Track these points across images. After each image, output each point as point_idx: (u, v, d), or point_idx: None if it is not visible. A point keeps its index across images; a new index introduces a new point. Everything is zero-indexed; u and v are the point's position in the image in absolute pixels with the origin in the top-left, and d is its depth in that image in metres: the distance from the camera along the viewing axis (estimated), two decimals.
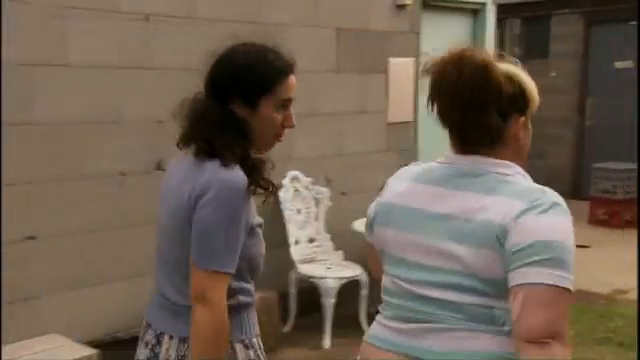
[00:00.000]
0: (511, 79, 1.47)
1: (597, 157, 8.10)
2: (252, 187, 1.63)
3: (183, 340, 1.67)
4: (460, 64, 1.43)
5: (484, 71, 1.42)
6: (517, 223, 1.36)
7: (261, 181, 1.66)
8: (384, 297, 1.59)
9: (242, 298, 1.71)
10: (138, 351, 1.81)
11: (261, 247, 1.73)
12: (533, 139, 1.57)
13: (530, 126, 1.54)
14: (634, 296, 4.75)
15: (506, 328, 1.41)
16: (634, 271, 4.69)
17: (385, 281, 1.59)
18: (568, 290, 1.34)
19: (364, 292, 4.36)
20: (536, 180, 1.51)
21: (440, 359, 1.43)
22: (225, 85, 1.66)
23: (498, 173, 1.46)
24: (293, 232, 4.44)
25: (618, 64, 8.60)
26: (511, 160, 1.49)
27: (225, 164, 1.60)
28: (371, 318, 4.51)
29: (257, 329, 1.78)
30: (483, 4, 5.72)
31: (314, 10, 4.56)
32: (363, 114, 5.02)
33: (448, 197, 1.47)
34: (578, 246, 1.46)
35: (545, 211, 1.37)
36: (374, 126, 5.10)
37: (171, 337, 1.70)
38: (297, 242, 4.46)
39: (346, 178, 4.93)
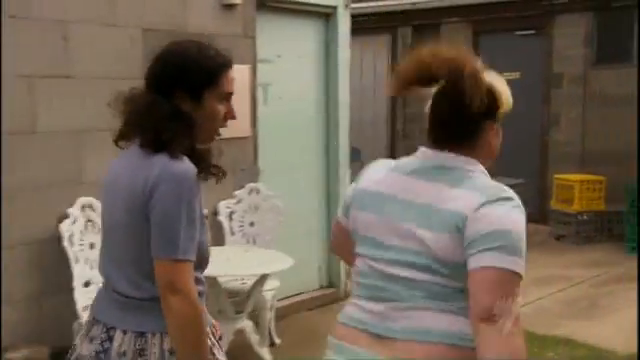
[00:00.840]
0: (489, 89, 1.63)
1: (492, 172, 7.68)
2: (202, 175, 1.75)
3: (140, 334, 1.71)
4: (454, 69, 1.61)
5: (473, 79, 1.59)
6: (476, 213, 1.53)
7: (212, 169, 1.82)
8: (356, 279, 1.73)
9: (198, 288, 1.74)
10: (80, 347, 1.81)
11: (207, 236, 1.81)
12: None
13: (500, 128, 1.71)
14: None
15: (460, 306, 1.56)
16: None
17: (358, 262, 1.72)
18: (518, 274, 1.52)
19: None
20: None
21: (399, 337, 1.59)
22: (170, 80, 1.74)
23: (464, 169, 1.63)
24: (83, 272, 3.69)
25: (505, 75, 8.27)
26: (481, 159, 1.67)
27: (174, 156, 1.67)
28: None
29: (209, 318, 1.85)
30: (334, 7, 5.12)
31: (110, 5, 3.85)
32: None
33: (421, 187, 1.63)
34: None
35: (502, 204, 1.55)
36: None
37: (124, 332, 1.73)
38: (87, 284, 3.72)
39: None
